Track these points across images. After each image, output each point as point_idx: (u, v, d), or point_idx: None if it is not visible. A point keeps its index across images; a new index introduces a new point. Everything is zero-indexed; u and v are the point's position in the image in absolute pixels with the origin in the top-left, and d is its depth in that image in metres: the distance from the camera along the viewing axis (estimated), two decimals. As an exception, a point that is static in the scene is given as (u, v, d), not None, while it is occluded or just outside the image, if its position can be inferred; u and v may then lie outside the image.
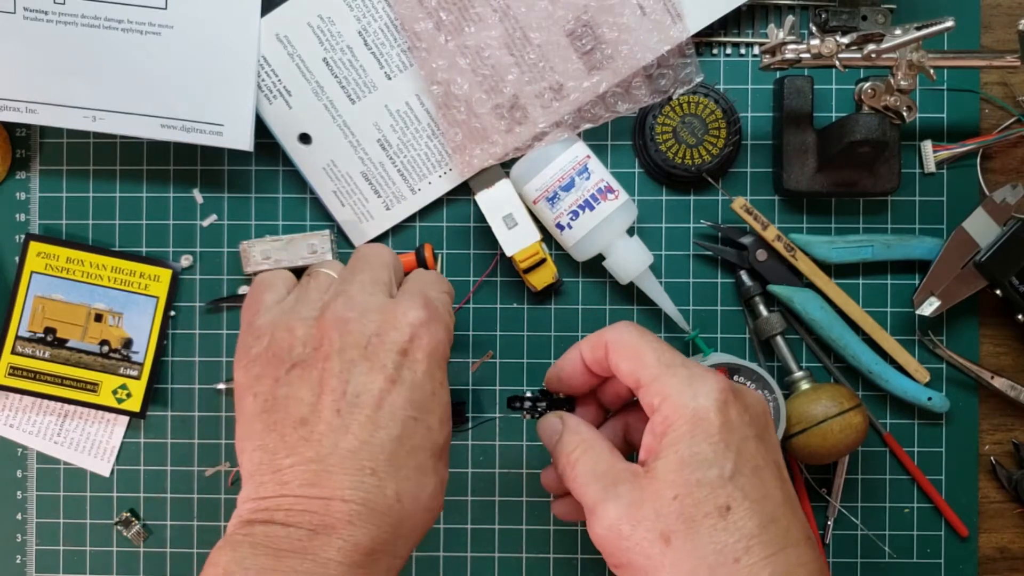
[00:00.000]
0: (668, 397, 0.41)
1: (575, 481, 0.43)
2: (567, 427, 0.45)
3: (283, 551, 0.39)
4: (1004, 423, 0.62)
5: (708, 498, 0.39)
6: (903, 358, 0.60)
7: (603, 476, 0.42)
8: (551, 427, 0.46)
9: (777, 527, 0.39)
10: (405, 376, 0.42)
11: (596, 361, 0.46)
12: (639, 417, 0.48)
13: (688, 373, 0.42)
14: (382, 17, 0.59)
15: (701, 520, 0.39)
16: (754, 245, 0.60)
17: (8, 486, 0.63)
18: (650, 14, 0.58)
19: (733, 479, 0.39)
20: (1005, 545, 0.62)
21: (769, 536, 0.39)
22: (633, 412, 0.49)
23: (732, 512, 0.39)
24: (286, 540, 0.39)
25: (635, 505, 0.40)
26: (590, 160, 0.58)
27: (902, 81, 0.53)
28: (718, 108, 0.59)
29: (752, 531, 0.39)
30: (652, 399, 0.42)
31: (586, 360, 0.46)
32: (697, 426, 0.40)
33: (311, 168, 0.61)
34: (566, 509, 0.49)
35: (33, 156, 0.63)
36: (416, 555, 0.62)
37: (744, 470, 0.40)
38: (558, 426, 0.45)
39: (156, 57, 0.57)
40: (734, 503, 0.39)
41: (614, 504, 0.41)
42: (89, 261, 0.61)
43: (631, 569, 0.40)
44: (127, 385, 0.61)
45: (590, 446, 0.43)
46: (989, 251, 0.57)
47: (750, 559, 0.38)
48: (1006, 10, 0.61)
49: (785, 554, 0.39)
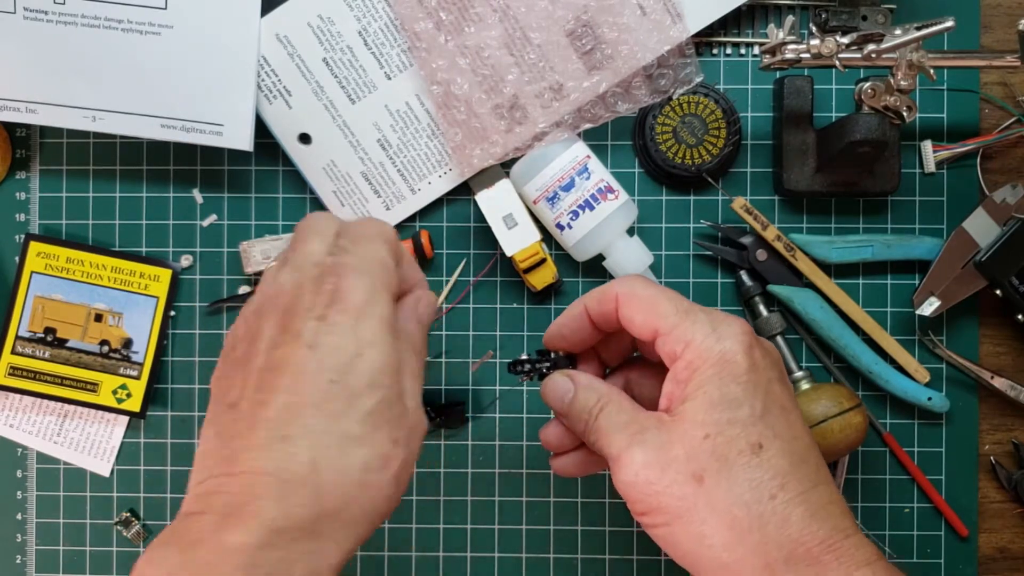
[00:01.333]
0: (691, 343, 0.41)
1: (597, 432, 0.42)
2: (579, 384, 0.44)
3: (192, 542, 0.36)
4: (1004, 423, 0.62)
5: (740, 436, 0.39)
6: (903, 358, 0.60)
7: (627, 425, 0.41)
8: (560, 387, 0.45)
9: (807, 466, 0.40)
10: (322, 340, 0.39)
11: (603, 315, 0.45)
12: (642, 372, 0.48)
13: (709, 318, 0.41)
14: (382, 17, 0.59)
15: (735, 458, 0.39)
16: (754, 245, 0.60)
17: (8, 486, 0.63)
18: (650, 14, 0.58)
19: (763, 418, 0.40)
20: (1005, 545, 0.62)
21: (802, 474, 0.39)
22: (635, 367, 0.49)
23: (765, 450, 0.39)
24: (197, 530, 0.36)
25: (664, 448, 0.40)
26: (590, 160, 0.58)
27: (902, 81, 0.53)
28: (718, 108, 0.59)
29: (785, 468, 0.39)
30: (674, 347, 0.41)
31: (592, 315, 0.46)
32: (725, 368, 0.40)
33: (311, 168, 0.61)
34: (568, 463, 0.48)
35: (33, 156, 0.63)
36: (416, 555, 0.62)
37: (773, 409, 0.40)
38: (568, 385, 0.44)
39: (156, 57, 0.57)
40: (766, 441, 0.39)
41: (641, 449, 0.40)
42: (89, 261, 0.61)
43: (661, 513, 0.40)
44: (127, 385, 0.61)
45: (610, 398, 0.43)
46: (989, 251, 0.57)
47: (785, 495, 0.38)
48: (1006, 10, 0.61)
49: (817, 491, 0.39)
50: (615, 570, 0.62)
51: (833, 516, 0.39)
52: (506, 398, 0.62)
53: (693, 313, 0.42)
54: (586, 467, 0.47)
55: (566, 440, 0.47)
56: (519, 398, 0.62)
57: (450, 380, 0.62)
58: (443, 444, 0.62)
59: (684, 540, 0.40)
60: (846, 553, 0.38)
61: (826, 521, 0.39)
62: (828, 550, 0.38)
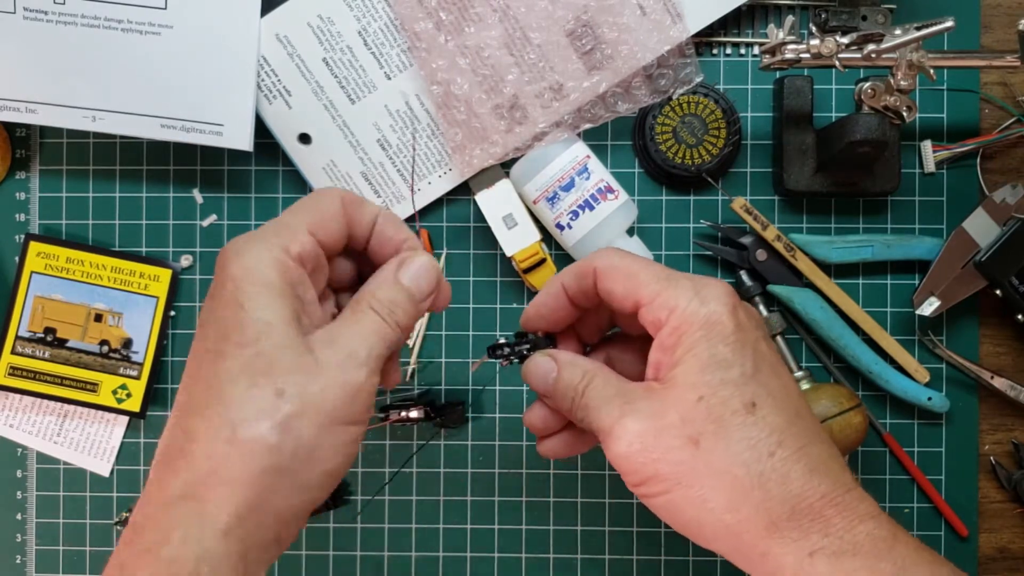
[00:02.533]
0: (675, 308, 0.40)
1: (586, 408, 0.42)
2: (562, 362, 0.43)
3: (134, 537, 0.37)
4: (1004, 423, 0.62)
5: (734, 396, 0.39)
6: (903, 358, 0.60)
7: (616, 397, 0.41)
8: (543, 366, 0.44)
9: (803, 422, 0.39)
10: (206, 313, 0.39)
11: (582, 291, 0.44)
12: (622, 347, 0.47)
13: (691, 283, 0.41)
14: (382, 17, 0.59)
15: (730, 418, 0.38)
16: (754, 245, 0.60)
17: (8, 486, 0.63)
18: (650, 14, 0.58)
19: (755, 376, 0.39)
20: (1005, 545, 0.62)
21: (797, 430, 0.39)
22: (614, 344, 0.48)
23: (759, 408, 0.39)
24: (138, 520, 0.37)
25: (657, 415, 0.39)
26: (590, 160, 0.58)
27: (902, 81, 0.53)
28: (718, 108, 0.59)
29: (781, 425, 0.39)
30: (658, 314, 0.41)
31: (570, 292, 0.45)
32: (712, 330, 0.40)
33: (311, 168, 0.61)
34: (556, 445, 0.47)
35: (33, 156, 0.63)
36: (416, 555, 0.62)
37: (763, 368, 0.40)
38: (550, 364, 0.44)
39: (156, 57, 0.57)
40: (759, 399, 0.39)
41: (634, 418, 0.40)
42: (89, 261, 0.61)
43: (659, 481, 0.39)
44: (127, 385, 0.61)
45: (595, 373, 0.42)
46: (989, 251, 0.57)
47: (784, 452, 0.38)
48: (1006, 10, 0.61)
49: (814, 447, 0.39)
50: (615, 570, 0.62)
51: (833, 471, 0.39)
52: (506, 398, 0.62)
53: (674, 279, 0.41)
54: (573, 447, 0.46)
55: (551, 421, 0.46)
56: (519, 398, 0.62)
57: (450, 380, 0.62)
58: (443, 444, 0.62)
59: (685, 506, 0.39)
60: (848, 507, 0.38)
61: (826, 476, 0.38)
62: (830, 504, 0.38)
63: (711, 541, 0.39)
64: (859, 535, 0.37)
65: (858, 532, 0.37)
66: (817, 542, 0.37)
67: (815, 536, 0.37)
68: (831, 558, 0.37)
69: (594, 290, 0.44)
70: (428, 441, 0.62)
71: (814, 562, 0.37)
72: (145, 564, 0.35)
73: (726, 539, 0.39)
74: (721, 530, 0.39)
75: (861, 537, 0.37)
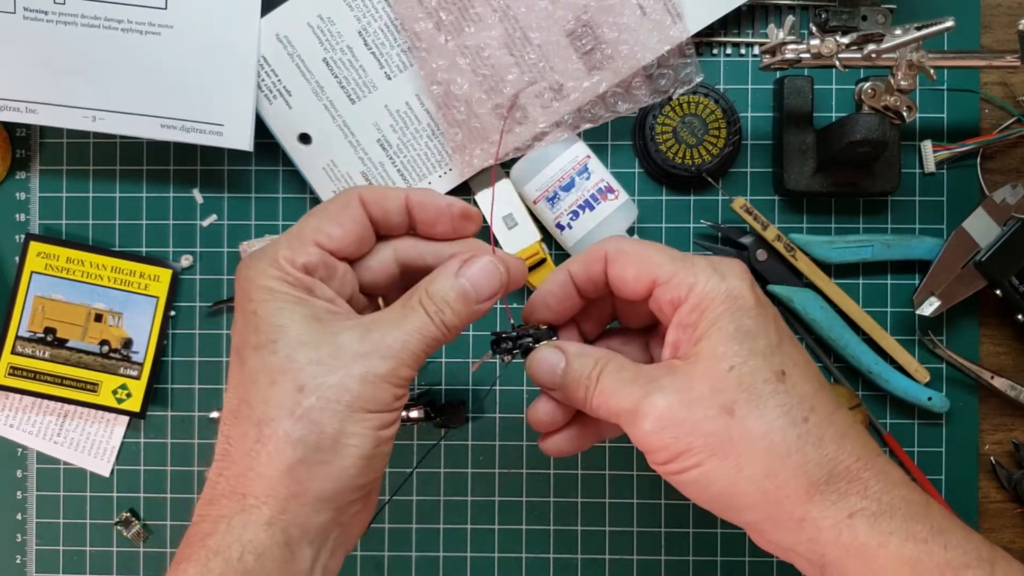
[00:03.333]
0: (695, 286, 0.40)
1: (603, 394, 0.41)
2: (570, 353, 0.43)
3: None
4: (1004, 423, 0.62)
5: (764, 365, 0.39)
6: (903, 358, 0.60)
7: (636, 379, 0.40)
8: (549, 359, 0.43)
9: (826, 391, 0.40)
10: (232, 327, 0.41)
11: (590, 279, 0.44)
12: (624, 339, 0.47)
13: (707, 261, 0.41)
14: (382, 17, 0.59)
15: (762, 386, 0.39)
16: (754, 245, 0.60)
17: (8, 486, 0.63)
18: (650, 14, 0.58)
19: (780, 347, 0.40)
20: (1005, 545, 0.62)
21: (824, 397, 0.40)
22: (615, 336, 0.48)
23: (788, 376, 0.39)
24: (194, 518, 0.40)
25: (685, 389, 0.39)
26: (590, 160, 0.58)
27: (902, 81, 0.53)
28: (718, 108, 0.59)
29: (810, 392, 0.39)
30: (676, 292, 0.41)
31: (577, 280, 0.44)
32: (735, 303, 0.40)
33: (311, 168, 0.61)
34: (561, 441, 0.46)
35: (33, 156, 0.63)
36: (416, 555, 0.62)
37: (785, 339, 0.40)
38: (558, 356, 0.43)
39: (156, 57, 0.57)
40: (787, 368, 0.39)
41: (661, 394, 0.39)
42: (89, 261, 0.61)
43: (693, 454, 0.39)
44: (127, 385, 0.61)
45: (608, 359, 0.42)
46: (989, 251, 0.57)
47: (816, 417, 0.39)
48: (1006, 10, 0.61)
49: (841, 413, 0.40)
50: (615, 570, 0.62)
51: (861, 435, 0.39)
52: (506, 398, 0.62)
53: (689, 259, 0.42)
54: (580, 442, 0.46)
55: (558, 416, 0.45)
56: (520, 398, 0.62)
57: (450, 380, 0.62)
58: (443, 444, 0.62)
59: (720, 476, 0.38)
60: (882, 471, 0.38)
61: (856, 440, 0.39)
62: (866, 467, 0.38)
63: (743, 511, 0.39)
64: (895, 498, 0.38)
65: (894, 495, 0.38)
66: (856, 504, 0.38)
67: (854, 498, 0.38)
68: (870, 519, 0.37)
69: (603, 278, 0.43)
70: (428, 441, 0.62)
71: (853, 523, 0.37)
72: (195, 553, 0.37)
73: (763, 507, 0.38)
74: (759, 498, 0.38)
75: (897, 500, 0.38)
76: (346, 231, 0.41)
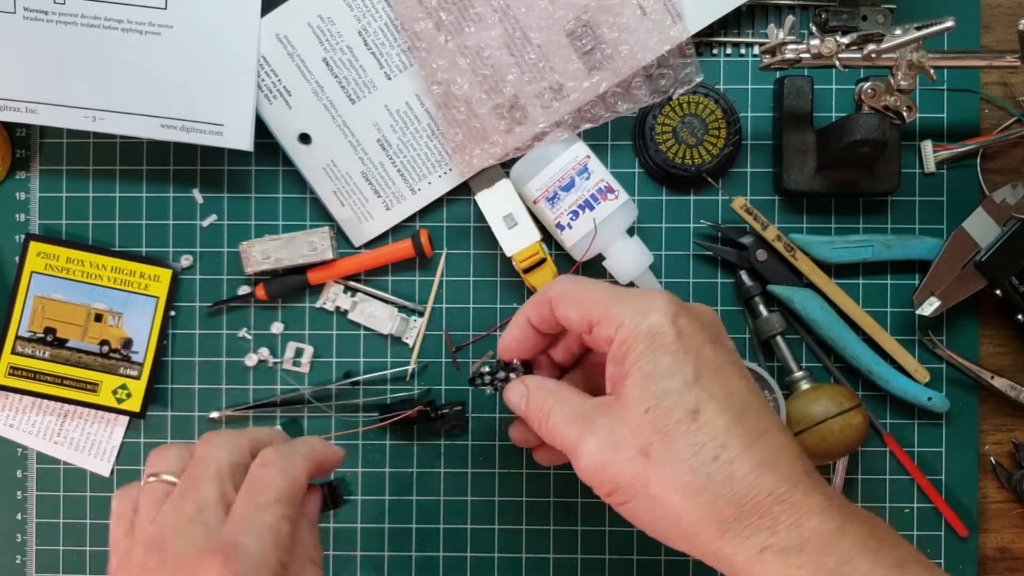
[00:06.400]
0: (622, 323, 0.42)
1: (552, 430, 0.44)
2: (531, 387, 0.47)
3: None
4: (1004, 423, 0.62)
5: (677, 405, 0.40)
6: (903, 358, 0.60)
7: (577, 416, 0.44)
8: (516, 392, 0.48)
9: (748, 420, 0.41)
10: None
11: (543, 320, 0.47)
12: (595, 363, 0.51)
13: (636, 297, 0.43)
14: (382, 17, 0.59)
15: (674, 427, 0.40)
16: (754, 245, 0.60)
17: (8, 486, 0.63)
18: (650, 14, 0.58)
19: (697, 382, 0.41)
20: (1005, 545, 0.62)
21: (742, 429, 0.40)
22: (589, 360, 0.51)
23: (702, 413, 0.40)
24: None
25: (612, 431, 0.42)
26: (590, 160, 0.58)
27: (902, 81, 0.53)
28: (718, 108, 0.59)
29: (725, 427, 0.40)
30: (608, 332, 0.43)
31: (534, 322, 0.48)
32: (654, 341, 0.41)
33: (311, 168, 0.61)
34: (547, 455, 0.51)
35: (33, 156, 0.63)
36: (416, 555, 0.62)
37: (705, 372, 0.41)
38: (522, 389, 0.47)
39: (156, 57, 0.57)
40: (702, 404, 0.40)
41: (594, 436, 0.42)
42: (89, 261, 0.61)
43: (621, 493, 0.42)
44: (127, 385, 0.61)
45: (559, 396, 0.45)
46: (989, 251, 0.57)
47: (728, 453, 0.40)
48: (1006, 10, 0.61)
49: (761, 442, 0.40)
50: (615, 570, 0.62)
51: (780, 466, 0.40)
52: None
53: (621, 296, 0.44)
54: (558, 457, 0.50)
55: (531, 437, 0.50)
56: (519, 398, 0.62)
57: (450, 380, 0.62)
58: (443, 444, 0.62)
59: (645, 513, 0.41)
60: (796, 503, 0.39)
61: (773, 472, 0.39)
62: (777, 502, 0.39)
63: (673, 543, 0.42)
64: (806, 531, 0.38)
65: (805, 528, 0.39)
66: (766, 539, 0.39)
67: (763, 534, 0.39)
68: (779, 555, 0.38)
69: (554, 318, 0.46)
70: (428, 441, 0.62)
71: (763, 559, 0.39)
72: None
73: (683, 541, 0.41)
74: (678, 533, 0.41)
75: (808, 532, 0.38)
76: None
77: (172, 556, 0.41)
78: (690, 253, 0.62)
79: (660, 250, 0.61)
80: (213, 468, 0.44)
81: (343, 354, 0.62)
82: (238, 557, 0.40)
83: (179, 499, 0.43)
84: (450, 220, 0.62)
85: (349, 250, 0.62)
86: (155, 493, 0.45)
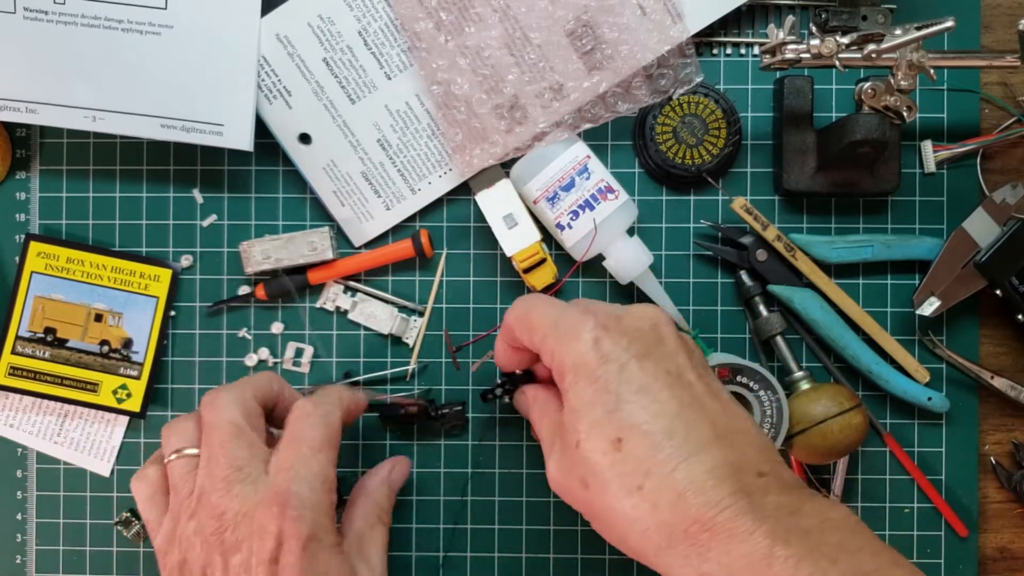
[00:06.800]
0: (554, 354, 0.43)
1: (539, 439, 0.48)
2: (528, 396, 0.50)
3: None
4: (1004, 423, 0.62)
5: (601, 436, 0.41)
6: (903, 358, 0.60)
7: (551, 434, 0.46)
8: (522, 401, 0.52)
9: (675, 440, 0.40)
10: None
11: (514, 341, 0.48)
12: None
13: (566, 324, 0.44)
14: (382, 17, 0.59)
15: (600, 459, 0.41)
16: (754, 245, 0.60)
17: (8, 486, 0.63)
18: (650, 14, 0.58)
19: (619, 409, 0.41)
20: (1005, 545, 0.62)
21: (666, 454, 0.39)
22: None
23: (625, 442, 0.40)
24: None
25: (561, 458, 0.43)
26: (590, 160, 0.58)
27: (902, 81, 0.53)
28: (718, 108, 0.59)
29: (646, 455, 0.40)
30: (547, 361, 0.44)
31: (507, 343, 0.49)
32: (579, 372, 0.42)
33: (311, 168, 0.61)
34: None
35: (33, 156, 0.63)
36: (416, 555, 0.62)
37: (628, 397, 0.41)
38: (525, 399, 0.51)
39: (156, 57, 0.57)
40: (624, 433, 0.40)
41: (552, 459, 0.45)
42: (89, 261, 0.61)
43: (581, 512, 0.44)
44: (127, 385, 0.61)
45: (544, 413, 0.47)
46: (989, 251, 0.57)
47: (652, 482, 0.39)
48: (1006, 10, 0.61)
49: (687, 465, 0.39)
50: (615, 570, 0.62)
51: (706, 491, 0.39)
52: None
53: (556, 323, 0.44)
54: None
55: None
56: (519, 398, 0.62)
57: (450, 380, 0.62)
58: (443, 444, 0.62)
59: (602, 533, 0.43)
60: (722, 528, 0.38)
61: (698, 496, 0.39)
62: (703, 529, 0.38)
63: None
64: (735, 559, 0.37)
65: (734, 554, 0.38)
66: (700, 566, 0.38)
67: (696, 560, 0.38)
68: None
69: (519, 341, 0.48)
70: (428, 441, 0.62)
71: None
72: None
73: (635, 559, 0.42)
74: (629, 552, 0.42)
75: (736, 560, 0.37)
76: None
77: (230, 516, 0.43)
78: (690, 253, 0.62)
79: (660, 250, 0.61)
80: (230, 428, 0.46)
81: (343, 354, 0.62)
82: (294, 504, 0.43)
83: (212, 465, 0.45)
84: (450, 220, 0.62)
85: (349, 250, 0.62)
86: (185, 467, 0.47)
